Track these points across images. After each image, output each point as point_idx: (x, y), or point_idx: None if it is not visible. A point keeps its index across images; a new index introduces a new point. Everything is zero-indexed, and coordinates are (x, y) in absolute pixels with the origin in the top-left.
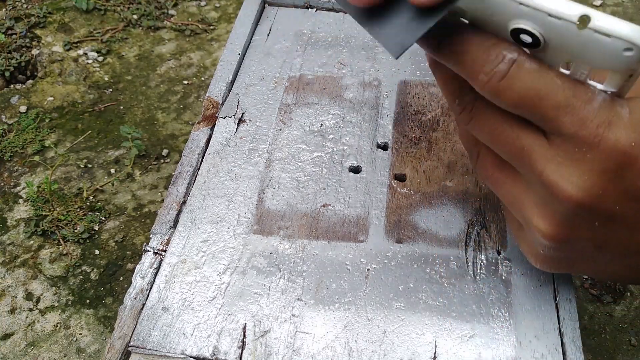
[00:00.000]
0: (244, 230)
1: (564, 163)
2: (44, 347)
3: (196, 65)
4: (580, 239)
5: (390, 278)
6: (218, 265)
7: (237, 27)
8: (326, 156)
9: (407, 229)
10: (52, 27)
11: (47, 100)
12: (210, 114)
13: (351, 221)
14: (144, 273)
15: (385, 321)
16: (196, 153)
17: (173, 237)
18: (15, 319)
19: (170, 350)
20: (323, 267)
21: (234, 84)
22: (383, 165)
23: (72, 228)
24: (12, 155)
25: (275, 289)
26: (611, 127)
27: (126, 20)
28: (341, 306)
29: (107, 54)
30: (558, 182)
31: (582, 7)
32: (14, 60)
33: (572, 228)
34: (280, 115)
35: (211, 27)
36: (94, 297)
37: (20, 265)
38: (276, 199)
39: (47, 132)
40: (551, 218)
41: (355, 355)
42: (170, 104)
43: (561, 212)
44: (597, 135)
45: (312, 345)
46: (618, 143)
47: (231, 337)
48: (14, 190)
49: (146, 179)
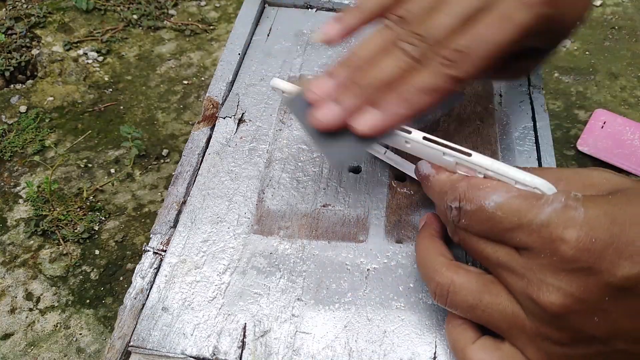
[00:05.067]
0: (244, 230)
1: (538, 272)
2: (44, 347)
3: (196, 65)
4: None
5: (390, 278)
6: (218, 265)
7: (237, 27)
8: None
9: (407, 229)
10: (52, 27)
11: (47, 100)
12: (210, 114)
13: (351, 221)
14: (144, 273)
15: (385, 321)
16: (196, 153)
17: (173, 237)
18: (15, 319)
19: (170, 350)
20: (323, 267)
21: (234, 84)
22: (383, 165)
23: (72, 228)
24: (12, 155)
25: (275, 289)
26: (567, 229)
27: (126, 20)
28: (341, 306)
29: (107, 54)
30: (538, 293)
31: None
32: (14, 60)
33: (576, 332)
34: (281, 115)
35: (211, 27)
36: (94, 297)
37: (20, 265)
38: (276, 199)
39: (47, 132)
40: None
41: (355, 355)
42: (170, 104)
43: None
44: (556, 240)
45: (312, 345)
46: (579, 242)
47: (231, 337)
48: (14, 190)
49: (146, 179)
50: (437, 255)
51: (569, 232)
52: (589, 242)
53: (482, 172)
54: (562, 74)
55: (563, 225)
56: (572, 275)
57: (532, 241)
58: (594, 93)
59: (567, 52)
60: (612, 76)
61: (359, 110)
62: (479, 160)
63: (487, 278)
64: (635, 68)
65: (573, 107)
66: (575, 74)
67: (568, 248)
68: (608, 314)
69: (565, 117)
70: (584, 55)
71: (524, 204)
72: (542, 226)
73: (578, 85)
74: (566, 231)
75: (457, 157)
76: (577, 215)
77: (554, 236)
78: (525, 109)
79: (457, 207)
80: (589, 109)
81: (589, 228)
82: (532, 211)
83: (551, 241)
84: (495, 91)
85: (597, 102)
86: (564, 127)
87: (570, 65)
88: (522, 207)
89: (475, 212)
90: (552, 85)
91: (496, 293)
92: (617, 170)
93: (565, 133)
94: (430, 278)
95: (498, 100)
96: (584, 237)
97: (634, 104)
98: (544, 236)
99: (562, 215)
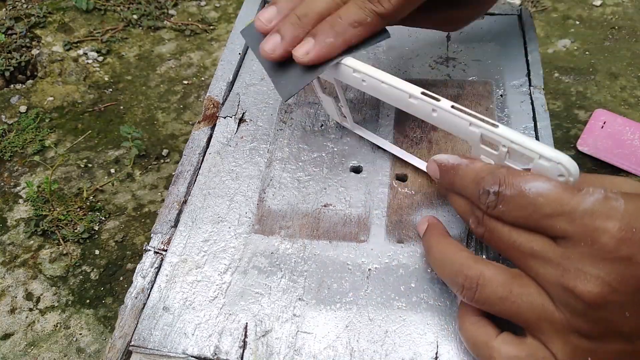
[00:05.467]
0: (245, 229)
1: (576, 261)
2: (44, 347)
3: (196, 65)
4: (615, 332)
5: (392, 278)
6: (219, 264)
7: (237, 27)
8: (327, 156)
9: (409, 228)
10: (52, 27)
11: (47, 100)
12: (211, 114)
13: (352, 221)
14: (145, 272)
15: (386, 321)
16: (197, 152)
17: (174, 237)
18: (15, 319)
19: (171, 350)
20: (324, 267)
21: (235, 83)
22: (384, 165)
23: (72, 228)
24: (12, 155)
25: (277, 288)
26: (610, 218)
27: (126, 20)
28: (342, 306)
29: (107, 54)
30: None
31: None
32: (14, 60)
33: (605, 325)
34: (281, 114)
35: (211, 27)
36: (94, 297)
37: (20, 265)
38: (277, 199)
39: (47, 132)
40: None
41: (356, 355)
42: (170, 104)
43: (583, 310)
44: (598, 228)
45: (313, 345)
46: (621, 231)
47: (232, 336)
48: (14, 190)
49: (146, 179)
50: (459, 250)
51: (611, 221)
52: (630, 232)
53: (506, 145)
54: (562, 74)
55: (606, 214)
56: (611, 265)
57: (573, 229)
58: (594, 93)
59: (567, 52)
60: (612, 76)
61: (299, 41)
62: (505, 132)
63: (514, 270)
64: (635, 68)
65: (573, 107)
66: (575, 74)
67: (610, 237)
68: (638, 309)
69: (565, 117)
70: (584, 55)
71: (566, 192)
72: (584, 214)
73: (578, 85)
74: (608, 220)
75: (483, 127)
76: (619, 205)
77: (596, 224)
78: (525, 109)
79: (496, 192)
80: (589, 109)
81: (630, 218)
82: (574, 199)
83: (593, 229)
84: (495, 91)
85: (597, 102)
86: (564, 127)
87: (570, 65)
88: (565, 196)
89: (516, 197)
90: (552, 85)
91: (525, 284)
92: (617, 170)
93: (565, 133)
94: (456, 272)
95: (498, 100)
96: (626, 227)
97: (634, 104)
98: (586, 224)
99: (605, 205)
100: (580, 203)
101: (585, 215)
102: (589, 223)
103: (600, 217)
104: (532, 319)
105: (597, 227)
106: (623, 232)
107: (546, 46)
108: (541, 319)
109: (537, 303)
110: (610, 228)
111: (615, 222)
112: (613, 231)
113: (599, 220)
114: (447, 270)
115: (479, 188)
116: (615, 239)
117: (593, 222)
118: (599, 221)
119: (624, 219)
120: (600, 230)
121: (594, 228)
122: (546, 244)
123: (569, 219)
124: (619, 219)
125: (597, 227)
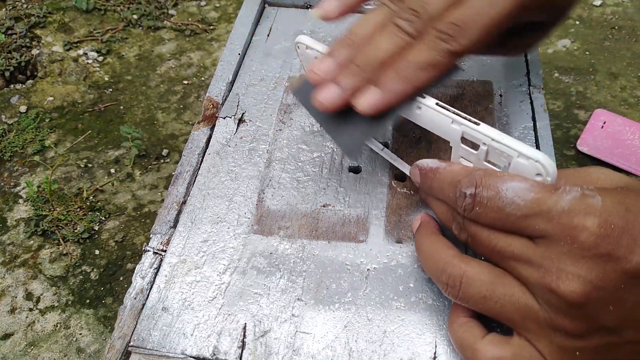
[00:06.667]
0: (244, 230)
1: (557, 261)
2: (44, 347)
3: (196, 65)
4: (601, 328)
5: (390, 278)
6: (218, 265)
7: (237, 27)
8: (326, 156)
9: (407, 229)
10: (52, 27)
11: (47, 100)
12: (211, 114)
13: (351, 221)
14: (144, 273)
15: (385, 321)
16: (196, 153)
17: (173, 237)
18: (15, 319)
19: (170, 350)
20: (323, 267)
21: (234, 84)
22: (383, 165)
23: (72, 228)
24: (12, 155)
25: (276, 289)
26: (588, 215)
27: (126, 20)
28: (341, 306)
29: (107, 54)
30: (557, 282)
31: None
32: (14, 60)
33: (591, 321)
34: (281, 115)
35: (211, 27)
36: (94, 297)
37: (20, 265)
38: (276, 199)
39: (47, 132)
40: (567, 315)
41: (355, 355)
42: (170, 104)
43: (567, 310)
44: (577, 226)
45: (312, 345)
46: (600, 228)
47: (231, 337)
48: (14, 190)
49: (146, 179)
50: (445, 248)
51: (589, 219)
52: (608, 228)
53: (487, 143)
54: (562, 74)
55: (584, 212)
56: (592, 262)
57: (552, 228)
58: (594, 93)
59: (567, 52)
60: (612, 76)
61: (359, 90)
62: (486, 130)
63: (498, 270)
64: (635, 68)
65: (573, 107)
66: (575, 74)
67: (589, 234)
68: (622, 302)
69: (565, 117)
70: (584, 55)
71: (543, 191)
72: (562, 213)
73: (578, 85)
74: (587, 218)
75: (465, 125)
76: (596, 202)
77: (575, 223)
78: (525, 108)
79: (472, 194)
80: (589, 109)
81: (608, 215)
82: (551, 198)
83: (572, 228)
84: (495, 91)
85: (597, 102)
86: (564, 127)
87: (570, 65)
88: (541, 195)
89: (492, 198)
90: (552, 85)
91: (509, 284)
92: (617, 170)
93: (565, 133)
94: (441, 270)
95: (498, 100)
96: (604, 223)
97: (634, 104)
98: (564, 223)
99: (582, 203)
100: (558, 202)
101: (563, 214)
102: (567, 222)
103: (578, 215)
104: (517, 319)
105: (575, 225)
106: (602, 229)
107: (546, 46)
108: (526, 318)
109: (521, 303)
110: (588, 225)
111: (593, 219)
112: (592, 229)
113: (577, 218)
114: (433, 267)
115: (455, 191)
116: (594, 236)
117: (571, 221)
118: (577, 219)
119: (602, 216)
120: (579, 229)
121: (572, 226)
122: (525, 245)
123: (547, 218)
124: (597, 215)
125: (575, 226)
